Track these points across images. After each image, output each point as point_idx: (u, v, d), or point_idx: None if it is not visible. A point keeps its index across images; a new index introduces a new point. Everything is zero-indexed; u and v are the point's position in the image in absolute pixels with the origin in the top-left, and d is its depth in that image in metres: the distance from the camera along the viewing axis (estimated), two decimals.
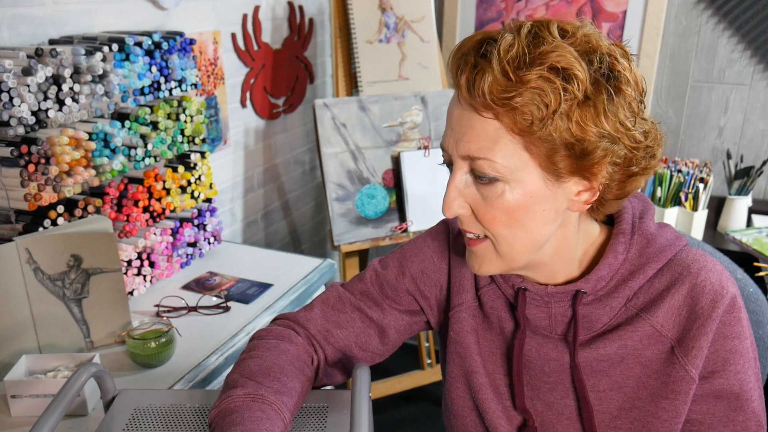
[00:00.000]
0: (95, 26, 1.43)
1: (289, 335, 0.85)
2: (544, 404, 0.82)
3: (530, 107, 0.65)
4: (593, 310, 0.77)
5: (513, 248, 0.73)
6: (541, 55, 0.65)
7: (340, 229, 1.95)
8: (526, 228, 0.72)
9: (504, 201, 0.70)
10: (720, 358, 0.75)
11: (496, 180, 0.69)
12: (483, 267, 0.77)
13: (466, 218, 0.74)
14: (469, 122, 0.69)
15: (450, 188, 0.73)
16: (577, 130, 0.66)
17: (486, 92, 0.65)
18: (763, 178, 2.11)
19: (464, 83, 0.68)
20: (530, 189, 0.70)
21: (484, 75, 0.66)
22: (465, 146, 0.70)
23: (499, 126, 0.67)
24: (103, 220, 1.15)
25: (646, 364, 0.77)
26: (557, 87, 0.64)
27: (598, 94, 0.66)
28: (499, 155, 0.68)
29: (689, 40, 2.10)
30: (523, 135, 0.67)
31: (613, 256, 0.76)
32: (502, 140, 0.68)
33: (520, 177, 0.69)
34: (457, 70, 0.69)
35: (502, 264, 0.76)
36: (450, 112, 0.73)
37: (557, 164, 0.68)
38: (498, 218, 0.71)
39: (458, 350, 0.86)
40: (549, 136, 0.66)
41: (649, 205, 0.82)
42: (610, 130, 0.67)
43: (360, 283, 0.91)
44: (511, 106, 0.65)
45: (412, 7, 2.11)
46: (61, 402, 0.71)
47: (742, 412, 0.76)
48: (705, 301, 0.74)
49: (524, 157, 0.68)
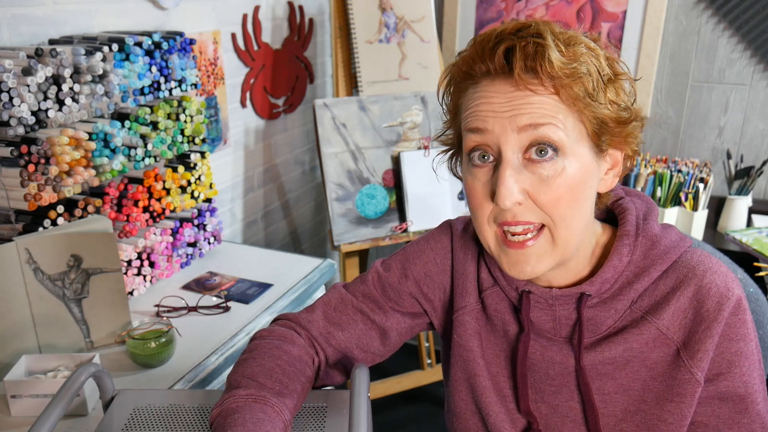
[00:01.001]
0: (95, 26, 1.43)
1: (290, 336, 0.85)
2: (548, 407, 0.81)
3: (585, 78, 0.67)
4: (598, 312, 0.77)
5: (571, 231, 0.71)
6: (570, 38, 0.69)
7: (340, 229, 1.95)
8: (583, 207, 0.72)
9: (567, 177, 0.69)
10: (725, 360, 0.74)
11: (556, 154, 0.68)
12: (540, 264, 0.72)
13: (522, 207, 0.70)
14: (523, 100, 0.68)
15: (506, 173, 0.68)
16: (614, 103, 0.70)
17: (553, 66, 0.66)
18: (763, 178, 2.11)
19: (521, 63, 0.67)
20: (584, 163, 0.70)
21: (545, 50, 0.66)
22: (526, 117, 0.68)
23: (557, 100, 0.68)
24: (103, 220, 1.16)
25: (651, 367, 0.76)
26: (599, 61, 0.69)
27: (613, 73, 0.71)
28: (561, 124, 0.68)
29: (689, 40, 2.10)
30: (579, 107, 0.68)
31: (618, 258, 0.76)
32: (561, 112, 0.68)
33: (577, 150, 0.70)
34: (504, 54, 0.68)
35: (557, 255, 0.72)
36: (486, 98, 0.70)
37: (602, 137, 0.71)
38: (563, 197, 0.69)
39: (461, 353, 0.86)
40: (598, 107, 0.69)
41: (653, 206, 0.81)
42: (626, 104, 0.72)
43: (362, 285, 0.91)
44: (576, 76, 0.67)
45: (412, 7, 2.11)
46: (60, 402, 0.71)
47: (747, 414, 0.76)
48: (710, 303, 0.73)
49: (580, 129, 0.70)
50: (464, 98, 0.74)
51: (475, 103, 0.71)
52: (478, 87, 0.71)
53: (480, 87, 0.71)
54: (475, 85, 0.71)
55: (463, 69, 0.72)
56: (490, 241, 0.74)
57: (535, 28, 0.68)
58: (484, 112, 0.70)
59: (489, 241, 0.74)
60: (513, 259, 0.73)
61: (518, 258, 0.72)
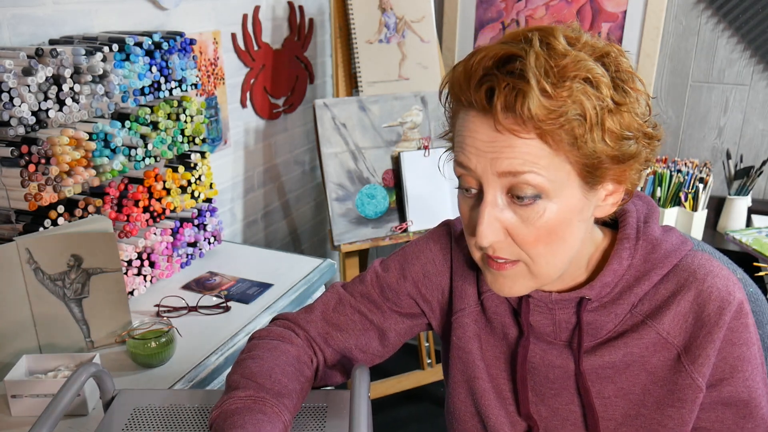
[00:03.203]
0: (95, 26, 1.43)
1: (289, 336, 0.85)
2: (548, 410, 0.81)
3: (573, 123, 0.63)
4: (598, 317, 0.76)
5: (551, 265, 0.70)
6: (565, 68, 0.63)
7: (340, 229, 1.96)
8: (566, 243, 0.69)
9: (546, 219, 0.67)
10: (728, 365, 0.74)
11: (538, 198, 0.66)
12: (514, 288, 0.72)
13: (501, 243, 0.69)
14: (505, 143, 0.64)
15: (485, 214, 0.67)
16: (612, 138, 0.65)
17: (532, 114, 0.61)
18: (763, 178, 2.11)
19: (501, 106, 0.63)
20: (570, 203, 0.67)
21: (526, 96, 0.61)
22: (505, 163, 0.65)
23: (542, 145, 0.64)
24: (104, 220, 1.16)
25: (651, 372, 0.76)
26: (592, 98, 0.63)
27: (621, 97, 0.66)
28: (544, 170, 0.64)
29: (689, 40, 2.10)
30: (564, 150, 0.64)
31: (618, 262, 0.75)
32: (545, 157, 0.64)
33: (562, 192, 0.66)
34: (486, 93, 0.64)
35: (534, 283, 0.72)
36: (471, 133, 0.67)
37: (595, 173, 0.67)
38: (541, 238, 0.68)
39: (461, 355, 0.86)
40: (591, 148, 0.64)
41: (654, 209, 0.80)
42: (635, 130, 0.67)
43: (361, 285, 0.90)
44: (560, 122, 0.62)
45: (412, 7, 2.11)
46: (60, 402, 0.71)
47: (751, 419, 0.75)
48: (712, 307, 0.73)
49: (567, 170, 0.66)
50: (458, 118, 0.71)
51: (462, 134, 0.68)
52: (468, 115, 0.68)
53: (469, 116, 0.67)
54: (466, 111, 0.68)
55: (454, 92, 0.69)
56: (476, 257, 0.74)
57: (521, 64, 0.62)
58: (469, 147, 0.67)
59: (476, 257, 0.74)
60: (494, 278, 0.73)
61: (495, 278, 0.73)
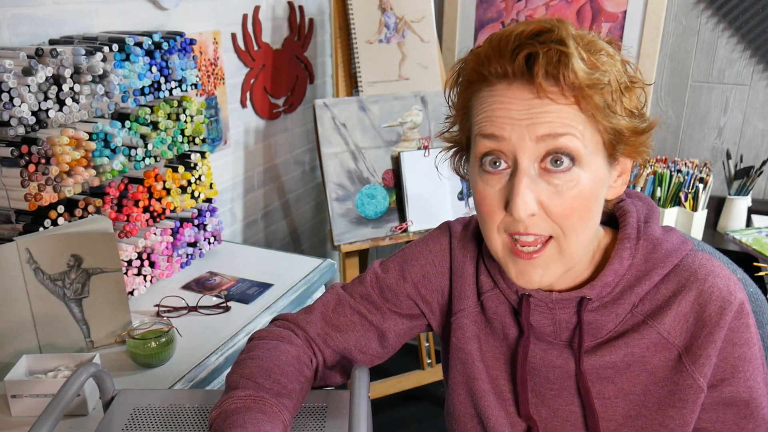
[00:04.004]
0: (95, 26, 1.43)
1: (288, 336, 0.85)
2: (548, 411, 0.81)
3: (606, 89, 0.66)
4: (598, 316, 0.76)
5: (579, 242, 0.70)
6: (590, 42, 0.67)
7: (340, 229, 1.96)
8: (593, 217, 0.71)
9: (580, 190, 0.67)
10: (729, 365, 0.74)
11: (573, 164, 0.67)
12: (545, 276, 0.71)
13: (534, 218, 0.68)
14: (542, 108, 0.66)
15: (522, 183, 0.66)
16: (630, 112, 0.69)
17: (577, 77, 0.64)
18: (763, 178, 2.11)
19: (543, 71, 0.64)
20: (598, 173, 0.69)
21: (569, 60, 0.64)
22: (545, 126, 0.66)
23: (577, 110, 0.66)
24: (104, 220, 1.16)
25: (652, 372, 0.75)
26: (618, 68, 0.67)
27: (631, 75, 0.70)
28: (580, 135, 0.66)
29: (689, 40, 2.10)
30: (597, 118, 0.67)
31: (619, 261, 0.75)
32: (581, 122, 0.66)
33: (592, 161, 0.68)
34: (525, 59, 0.65)
35: (564, 266, 0.71)
36: (502, 104, 0.67)
37: (617, 146, 0.70)
38: (576, 209, 0.68)
39: (460, 356, 0.85)
40: (615, 118, 0.68)
41: (654, 209, 0.80)
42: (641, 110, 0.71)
43: (360, 286, 0.90)
44: (597, 87, 0.65)
45: (412, 7, 2.11)
46: (59, 402, 0.71)
47: (752, 419, 0.75)
48: (713, 307, 0.73)
49: (596, 140, 0.68)
50: (477, 99, 0.71)
51: (491, 107, 0.68)
52: (493, 90, 0.68)
53: (496, 90, 0.68)
54: (491, 87, 0.69)
55: (477, 68, 0.69)
56: (498, 249, 0.73)
57: (557, 34, 0.65)
58: (501, 118, 0.67)
59: (497, 248, 0.73)
60: (521, 269, 0.71)
61: (526, 268, 0.71)
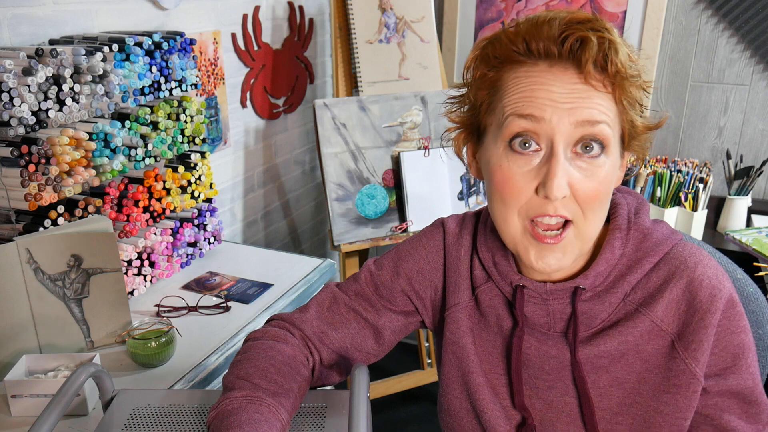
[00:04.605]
0: (95, 26, 1.43)
1: (284, 336, 0.85)
2: (543, 402, 0.82)
3: (638, 83, 0.70)
4: (592, 306, 0.77)
5: (595, 226, 0.73)
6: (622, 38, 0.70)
7: (340, 229, 1.96)
8: (608, 203, 0.74)
9: (605, 175, 0.70)
10: (730, 353, 0.75)
11: (602, 152, 0.69)
12: (564, 259, 0.73)
13: (564, 200, 0.70)
14: (583, 94, 0.67)
15: (559, 166, 0.67)
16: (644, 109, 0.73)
17: (622, 65, 0.67)
18: (763, 178, 2.11)
19: (593, 56, 0.66)
20: (615, 162, 0.72)
21: (618, 50, 0.67)
22: (586, 112, 0.67)
23: (612, 100, 0.69)
24: (104, 220, 1.16)
25: (646, 360, 0.77)
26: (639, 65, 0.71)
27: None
28: (612, 124, 0.70)
29: (689, 40, 2.10)
30: (625, 109, 0.70)
31: (611, 251, 0.77)
32: (613, 113, 0.70)
33: (614, 150, 0.71)
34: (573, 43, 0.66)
35: (579, 250, 0.73)
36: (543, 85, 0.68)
37: (630, 140, 0.74)
38: (599, 194, 0.70)
39: (454, 350, 0.86)
40: (636, 112, 0.71)
41: (644, 202, 0.83)
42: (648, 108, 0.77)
43: (355, 284, 0.91)
44: (634, 79, 0.69)
45: (412, 7, 2.11)
46: (59, 402, 0.71)
47: (755, 404, 0.77)
48: (703, 294, 0.74)
49: (618, 132, 0.72)
50: (509, 79, 0.71)
51: (529, 87, 0.68)
52: (532, 71, 0.68)
53: (534, 71, 0.68)
54: (528, 67, 0.69)
55: (514, 47, 0.69)
56: (516, 233, 0.73)
57: (602, 24, 0.68)
58: (541, 99, 0.67)
59: (515, 232, 0.73)
60: (541, 253, 0.72)
61: (545, 252, 0.72)
